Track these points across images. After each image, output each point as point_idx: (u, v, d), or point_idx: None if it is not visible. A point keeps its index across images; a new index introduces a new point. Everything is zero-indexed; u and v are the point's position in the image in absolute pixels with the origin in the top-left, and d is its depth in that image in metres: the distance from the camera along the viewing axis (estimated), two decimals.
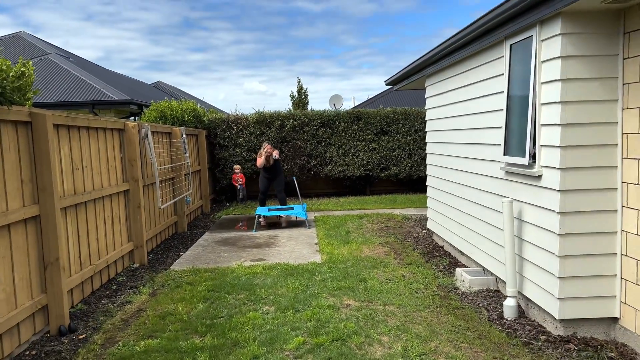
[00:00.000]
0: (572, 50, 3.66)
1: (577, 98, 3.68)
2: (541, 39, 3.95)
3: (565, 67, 3.67)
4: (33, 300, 4.21)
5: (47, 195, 4.38)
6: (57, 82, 14.41)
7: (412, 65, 7.34)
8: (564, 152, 3.71)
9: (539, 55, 3.97)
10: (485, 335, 3.89)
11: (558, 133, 3.73)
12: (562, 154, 3.71)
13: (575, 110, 3.69)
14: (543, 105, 3.95)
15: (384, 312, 4.40)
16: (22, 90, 4.13)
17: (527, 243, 4.30)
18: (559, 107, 3.71)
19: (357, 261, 6.21)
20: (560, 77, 3.68)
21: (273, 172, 9.68)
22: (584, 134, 3.70)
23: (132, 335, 4.15)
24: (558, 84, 3.71)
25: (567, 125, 3.70)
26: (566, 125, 3.70)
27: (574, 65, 3.67)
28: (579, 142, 3.70)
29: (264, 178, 9.71)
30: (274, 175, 9.72)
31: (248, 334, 4.00)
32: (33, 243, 4.28)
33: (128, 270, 6.35)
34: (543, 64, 3.94)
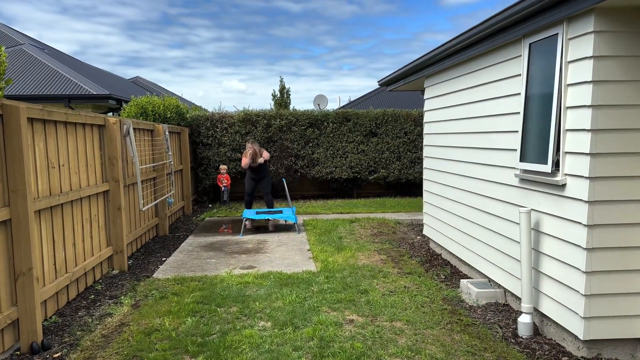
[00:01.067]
0: (605, 50, 3.38)
1: (610, 102, 3.40)
2: (568, 37, 3.66)
3: (598, 67, 3.39)
4: (2, 314, 3.75)
5: (19, 196, 3.92)
6: (30, 74, 13.71)
7: (410, 65, 7.03)
8: (594, 160, 3.43)
9: (565, 54, 3.68)
10: (504, 357, 3.58)
11: (587, 139, 3.44)
12: (592, 162, 3.43)
13: (608, 114, 3.41)
14: (569, 109, 3.66)
15: (391, 330, 4.05)
16: None
17: (545, 256, 4.01)
18: (589, 112, 3.42)
19: (354, 270, 5.86)
20: (591, 79, 3.39)
21: (259, 173, 9.26)
22: (617, 141, 3.42)
23: (115, 355, 3.72)
24: (588, 86, 3.43)
25: (598, 131, 3.41)
26: (597, 131, 3.41)
27: (608, 66, 3.39)
28: (610, 150, 3.42)
29: (250, 179, 9.29)
30: (260, 175, 9.29)
31: (245, 355, 3.61)
32: (2, 251, 3.81)
33: (107, 277, 5.89)
34: (570, 65, 3.65)
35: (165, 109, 10.73)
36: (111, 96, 13.04)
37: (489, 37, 4.77)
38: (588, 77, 3.42)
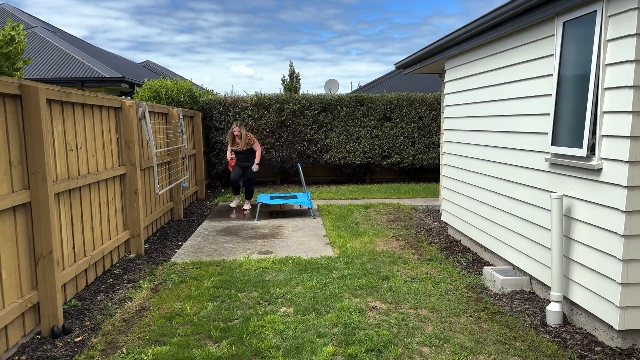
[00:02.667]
0: None
1: None
2: (608, 15, 3.49)
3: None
4: (23, 298, 3.70)
5: (39, 179, 3.85)
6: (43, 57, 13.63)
7: (431, 46, 6.86)
8: (635, 144, 3.28)
9: (604, 33, 3.52)
10: (535, 347, 3.48)
11: (628, 121, 3.29)
12: (632, 146, 3.28)
13: None
14: (607, 90, 3.51)
15: (417, 317, 3.97)
16: (11, 59, 3.58)
17: (577, 243, 3.89)
18: (631, 92, 3.27)
19: (374, 256, 5.77)
20: (634, 58, 3.24)
21: (247, 159, 8.95)
22: None
23: (137, 339, 3.67)
24: (630, 65, 3.27)
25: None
26: (639, 113, 3.27)
27: None
28: None
29: (235, 166, 9.05)
30: (247, 162, 8.97)
31: (269, 341, 3.54)
32: (23, 234, 3.76)
33: (124, 261, 5.85)
34: (609, 43, 3.49)
35: (179, 92, 10.63)
36: (124, 79, 12.95)
37: (518, 16, 4.60)
38: (630, 55, 3.27)
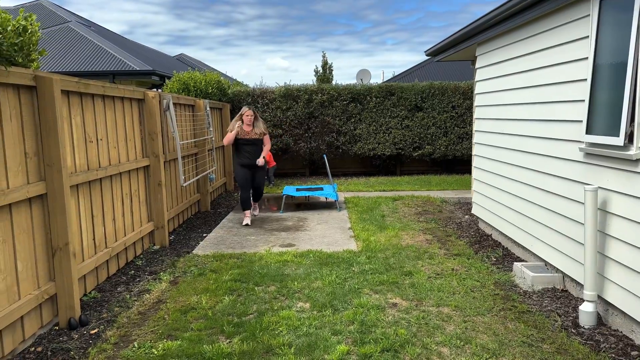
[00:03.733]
0: None
1: None
2: None
3: None
4: (39, 289, 3.71)
5: (54, 171, 3.84)
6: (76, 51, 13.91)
7: (462, 31, 6.57)
8: None
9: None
10: (565, 350, 3.25)
11: None
12: None
13: None
14: None
15: (438, 316, 3.78)
16: (24, 50, 3.55)
17: (614, 239, 3.61)
18: None
19: (398, 250, 5.58)
20: None
21: (254, 153, 7.06)
22: None
23: (150, 333, 3.63)
24: None
25: None
26: None
27: None
28: None
29: (240, 167, 7.10)
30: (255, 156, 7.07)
31: (282, 337, 3.43)
32: (39, 225, 3.76)
33: (148, 252, 5.86)
34: None
35: (207, 84, 10.63)
36: (154, 72, 13.08)
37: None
38: None
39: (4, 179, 3.36)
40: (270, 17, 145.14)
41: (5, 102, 3.39)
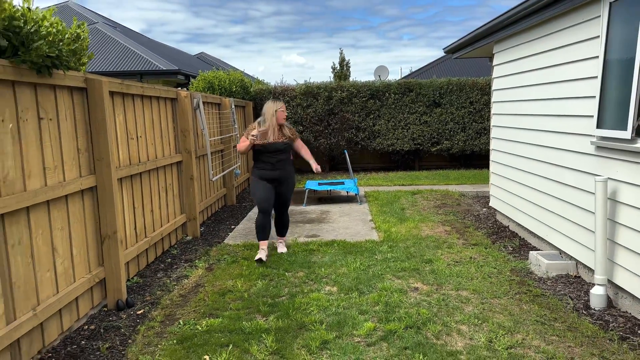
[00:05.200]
0: None
1: None
2: None
3: None
4: (91, 273, 4.09)
5: (104, 165, 4.22)
6: (105, 52, 14.42)
7: (479, 30, 6.80)
8: None
9: None
10: (575, 328, 3.51)
11: None
12: None
13: None
14: None
15: (457, 298, 4.07)
16: (77, 54, 3.92)
17: (623, 227, 3.85)
18: None
19: (418, 240, 5.87)
20: None
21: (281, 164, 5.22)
22: None
23: (192, 312, 3.99)
24: None
25: None
26: None
27: None
28: None
29: (259, 180, 5.24)
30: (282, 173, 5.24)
31: (313, 316, 3.76)
32: (90, 215, 4.14)
33: (181, 242, 6.23)
34: None
35: (231, 83, 11.00)
36: (180, 71, 13.51)
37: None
38: None
39: (61, 172, 3.74)
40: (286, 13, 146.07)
41: (62, 102, 3.76)
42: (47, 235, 3.50)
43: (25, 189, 3.25)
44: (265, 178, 5.22)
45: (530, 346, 3.23)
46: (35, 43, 3.17)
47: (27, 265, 3.26)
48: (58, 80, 3.63)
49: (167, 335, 3.60)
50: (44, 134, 3.49)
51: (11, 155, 3.11)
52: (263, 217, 5.17)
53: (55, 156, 3.63)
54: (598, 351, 3.17)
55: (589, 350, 3.18)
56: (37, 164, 3.39)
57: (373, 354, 3.18)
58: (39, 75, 3.35)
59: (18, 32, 3.12)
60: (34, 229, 3.35)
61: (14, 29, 3.10)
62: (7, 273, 3.06)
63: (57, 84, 3.63)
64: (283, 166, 5.24)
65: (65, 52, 3.62)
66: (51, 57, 3.35)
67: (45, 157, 3.50)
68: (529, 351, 3.17)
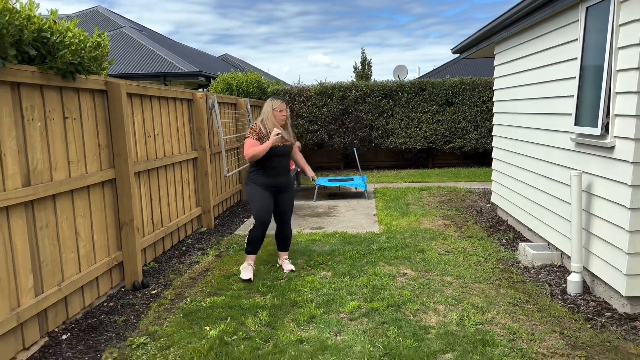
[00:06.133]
0: None
1: None
2: (620, 0, 3.69)
3: None
4: (110, 256, 4.56)
5: (122, 160, 4.68)
6: (130, 54, 15.10)
7: (480, 31, 7.07)
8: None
9: (617, 18, 3.72)
10: (545, 309, 3.81)
11: (634, 101, 3.51)
12: (638, 124, 3.50)
13: None
14: (619, 72, 3.72)
15: (440, 283, 4.40)
16: (98, 60, 4.39)
17: (596, 217, 4.12)
18: (637, 74, 3.48)
19: (415, 232, 6.20)
20: (639, 42, 3.44)
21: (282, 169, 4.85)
22: None
23: (199, 292, 4.42)
24: (637, 48, 3.47)
25: None
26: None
27: None
28: None
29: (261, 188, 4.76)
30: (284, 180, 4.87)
31: (306, 295, 4.15)
32: (110, 204, 4.61)
33: (197, 233, 6.70)
34: (621, 28, 3.69)
35: (248, 84, 11.47)
36: (201, 73, 14.06)
37: (550, 2, 4.80)
38: (636, 39, 3.47)
39: (84, 165, 4.21)
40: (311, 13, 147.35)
41: (84, 103, 4.23)
42: (71, 220, 3.98)
43: (52, 180, 3.73)
44: (268, 185, 4.75)
45: (497, 323, 3.56)
46: (60, 52, 3.64)
47: (53, 246, 3.74)
48: (81, 84, 4.11)
49: (175, 310, 4.04)
50: (68, 132, 3.96)
51: (39, 149, 3.59)
52: (262, 229, 4.72)
53: (79, 151, 4.11)
54: (560, 329, 3.47)
55: (551, 327, 3.48)
56: (62, 158, 3.87)
57: (353, 327, 3.55)
58: (64, 79, 3.82)
59: (45, 42, 3.59)
60: (60, 214, 3.82)
61: (42, 40, 3.57)
62: (36, 252, 3.54)
63: (80, 87, 4.11)
64: (286, 172, 4.88)
65: (87, 59, 4.09)
66: (74, 64, 3.82)
67: (70, 152, 3.98)
68: (495, 327, 3.49)
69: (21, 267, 3.36)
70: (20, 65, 3.35)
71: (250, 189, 4.77)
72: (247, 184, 4.83)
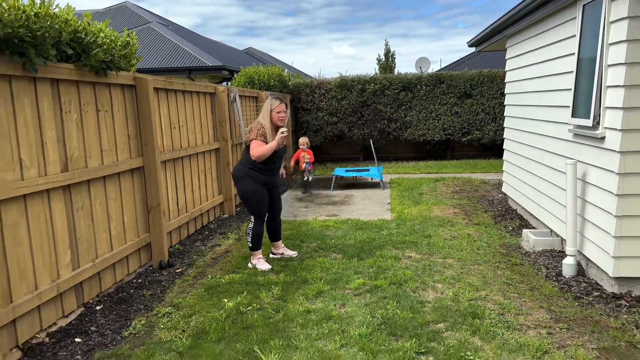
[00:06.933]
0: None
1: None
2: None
3: (632, 27, 3.64)
4: (139, 238, 4.99)
5: (149, 149, 5.11)
6: (157, 49, 15.64)
7: (491, 26, 7.27)
8: (626, 114, 3.72)
9: (608, 15, 3.93)
10: (537, 289, 4.08)
11: (621, 94, 3.73)
12: (625, 116, 3.73)
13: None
14: (610, 66, 3.94)
15: (442, 264, 4.70)
16: (127, 58, 4.80)
17: (590, 204, 4.36)
18: (624, 69, 3.70)
19: (425, 220, 6.48)
20: (626, 38, 3.66)
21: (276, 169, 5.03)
22: None
23: (219, 270, 4.83)
24: (624, 45, 3.70)
25: (631, 87, 3.69)
26: (630, 87, 3.69)
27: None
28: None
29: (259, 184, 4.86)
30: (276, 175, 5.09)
31: (316, 274, 4.51)
32: (138, 190, 5.04)
33: (219, 219, 7.12)
34: (612, 25, 3.90)
35: (269, 77, 11.84)
36: (224, 67, 14.51)
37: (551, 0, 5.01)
38: (623, 36, 3.69)
39: (115, 154, 4.64)
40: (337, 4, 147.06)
41: (115, 97, 4.66)
42: (104, 203, 4.42)
43: (87, 166, 4.16)
44: (265, 183, 4.90)
45: (489, 300, 3.85)
46: (93, 50, 4.05)
47: (88, 226, 4.18)
48: (112, 79, 4.53)
49: (197, 285, 4.45)
50: (101, 123, 4.39)
51: (76, 139, 4.02)
52: (262, 223, 4.94)
53: (110, 141, 4.53)
54: (547, 305, 3.74)
55: (539, 304, 3.76)
56: (95, 147, 4.30)
57: (357, 301, 3.90)
58: (97, 75, 4.24)
59: (80, 42, 4.01)
60: (93, 198, 4.26)
61: (78, 40, 3.99)
62: (73, 230, 3.98)
63: (111, 82, 4.53)
64: (278, 171, 5.10)
65: (117, 57, 4.50)
66: (106, 62, 4.24)
67: (102, 142, 4.40)
68: (487, 303, 3.79)
69: (60, 243, 3.80)
70: (59, 63, 3.77)
71: (248, 186, 4.82)
72: (243, 180, 4.84)
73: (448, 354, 3.01)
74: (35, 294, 3.45)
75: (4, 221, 3.23)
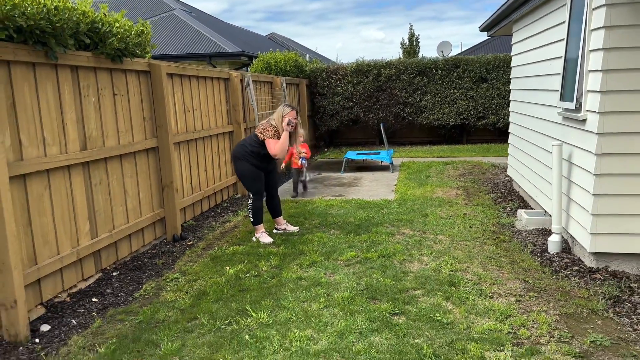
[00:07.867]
0: None
1: (619, 45, 3.83)
2: None
3: (610, 13, 3.81)
4: (153, 212, 5.42)
5: (163, 131, 5.50)
6: (180, 36, 16.09)
7: (499, 11, 7.40)
8: (604, 97, 3.91)
9: (591, 3, 4.10)
10: (517, 263, 4.33)
11: (599, 78, 3.92)
12: (602, 99, 3.92)
13: (618, 56, 3.85)
14: (591, 52, 4.12)
15: (432, 240, 4.98)
16: (141, 45, 5.18)
17: (574, 184, 4.56)
18: (602, 54, 3.89)
19: (426, 200, 6.74)
20: (604, 25, 3.84)
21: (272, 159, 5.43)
22: (624, 80, 3.86)
23: (226, 243, 5.22)
24: (602, 31, 3.87)
25: (608, 71, 3.88)
26: (607, 71, 3.88)
27: (619, 12, 3.80)
28: (618, 88, 3.87)
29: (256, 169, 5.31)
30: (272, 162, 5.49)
31: (313, 247, 4.85)
32: (153, 169, 5.45)
33: (232, 198, 7.52)
34: (594, 11, 4.07)
35: (286, 63, 12.14)
36: (244, 53, 14.86)
37: None
38: (601, 22, 3.87)
39: (131, 135, 5.04)
40: None
41: (131, 82, 5.05)
42: (120, 180, 4.84)
43: (104, 145, 4.57)
44: (260, 167, 5.31)
45: (469, 271, 4.13)
46: (109, 39, 4.43)
47: (105, 200, 4.60)
48: (127, 66, 4.91)
49: (204, 255, 4.86)
50: (117, 106, 4.79)
51: (94, 120, 4.42)
52: (261, 198, 5.36)
53: (126, 122, 4.94)
54: (523, 277, 4.00)
55: (515, 276, 4.02)
56: (112, 128, 4.70)
57: (346, 270, 4.23)
58: (113, 62, 4.63)
59: (97, 31, 4.39)
60: (110, 174, 4.68)
61: (95, 30, 4.37)
62: (92, 203, 4.40)
63: (127, 68, 4.92)
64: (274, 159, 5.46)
65: (132, 45, 4.88)
66: (120, 49, 4.62)
67: (119, 123, 4.81)
68: (466, 274, 4.07)
69: (80, 214, 4.23)
70: (78, 51, 4.16)
71: (244, 166, 5.24)
72: (240, 161, 5.27)
73: (419, 315, 3.32)
74: (57, 258, 3.89)
75: (29, 192, 3.66)
